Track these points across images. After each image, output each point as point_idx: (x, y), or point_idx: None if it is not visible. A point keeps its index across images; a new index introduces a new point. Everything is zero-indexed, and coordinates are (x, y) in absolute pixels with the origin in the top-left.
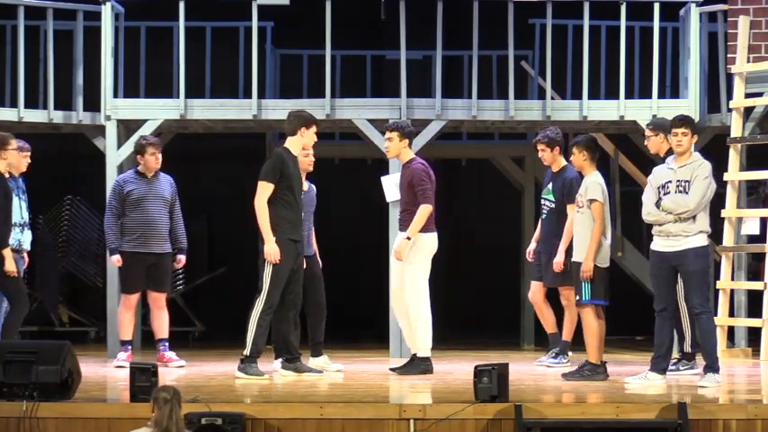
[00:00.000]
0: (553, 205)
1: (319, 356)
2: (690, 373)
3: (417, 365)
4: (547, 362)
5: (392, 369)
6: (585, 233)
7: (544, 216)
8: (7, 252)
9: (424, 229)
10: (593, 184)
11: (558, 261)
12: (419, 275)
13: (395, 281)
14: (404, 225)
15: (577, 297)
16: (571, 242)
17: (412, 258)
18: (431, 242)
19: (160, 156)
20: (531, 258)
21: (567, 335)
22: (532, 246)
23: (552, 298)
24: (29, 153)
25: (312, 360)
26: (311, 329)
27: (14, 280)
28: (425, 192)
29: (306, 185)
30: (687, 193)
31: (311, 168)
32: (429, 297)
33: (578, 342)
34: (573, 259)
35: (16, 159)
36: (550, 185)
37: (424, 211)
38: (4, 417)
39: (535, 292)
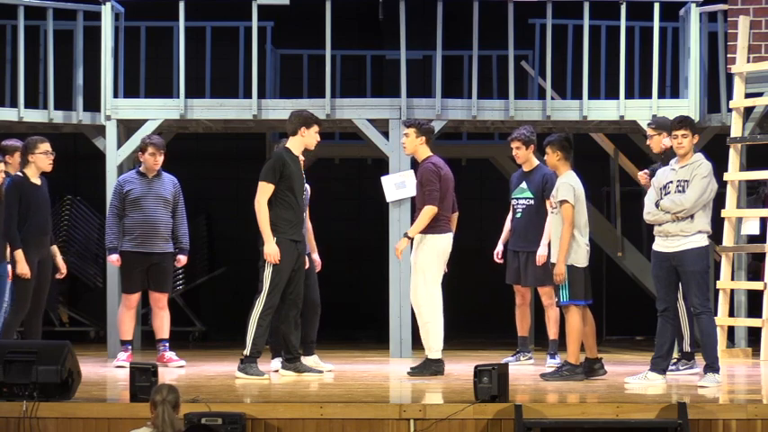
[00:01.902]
0: (532, 202)
1: (310, 356)
2: (690, 373)
3: (428, 367)
4: (548, 363)
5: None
6: (559, 235)
7: (519, 215)
8: (19, 254)
9: (435, 230)
10: (565, 186)
11: (542, 254)
12: (429, 277)
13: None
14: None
15: (555, 298)
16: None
17: (421, 260)
18: (440, 243)
19: (160, 157)
20: (500, 260)
21: (553, 334)
22: (500, 247)
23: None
24: None
25: (303, 359)
26: (304, 328)
27: (25, 282)
28: (431, 192)
29: None
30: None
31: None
32: (441, 298)
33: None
34: (551, 260)
35: (44, 162)
36: (524, 184)
37: (428, 212)
38: (3, 417)
39: (525, 295)
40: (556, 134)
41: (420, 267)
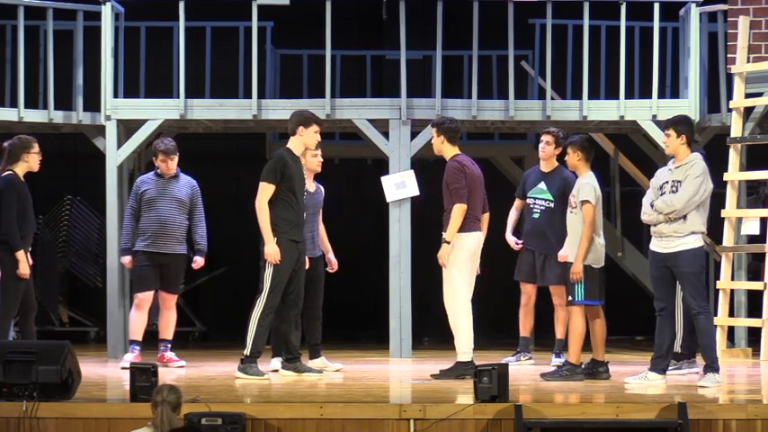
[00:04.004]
0: (551, 204)
1: (317, 358)
2: (684, 373)
3: (455, 370)
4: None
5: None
6: (578, 234)
7: (537, 215)
8: (21, 255)
9: (461, 229)
10: (586, 186)
11: (565, 254)
12: (456, 277)
13: None
14: (445, 227)
15: (569, 297)
16: None
17: (448, 260)
18: (466, 242)
19: (172, 162)
20: (518, 245)
21: (561, 333)
22: (512, 237)
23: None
24: None
25: (310, 362)
26: (307, 331)
27: (18, 282)
28: (458, 191)
29: (313, 186)
30: None
31: (319, 169)
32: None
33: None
34: (567, 259)
35: (36, 162)
36: (543, 185)
37: (458, 210)
38: (3, 417)
39: (532, 295)
40: (578, 135)
41: (447, 268)
